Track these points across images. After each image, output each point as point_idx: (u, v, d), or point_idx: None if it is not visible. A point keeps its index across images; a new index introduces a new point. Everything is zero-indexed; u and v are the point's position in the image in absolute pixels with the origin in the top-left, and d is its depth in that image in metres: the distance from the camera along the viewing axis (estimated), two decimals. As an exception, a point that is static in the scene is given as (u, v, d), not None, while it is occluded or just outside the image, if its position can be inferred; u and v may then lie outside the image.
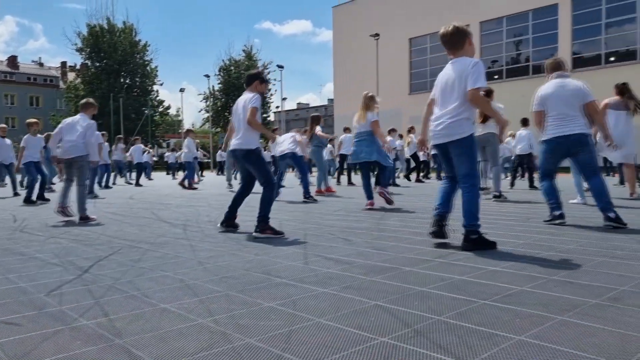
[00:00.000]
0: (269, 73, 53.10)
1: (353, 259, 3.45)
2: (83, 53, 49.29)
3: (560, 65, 5.02)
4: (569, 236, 4.22)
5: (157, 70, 52.25)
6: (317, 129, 10.08)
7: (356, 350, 1.77)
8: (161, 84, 57.24)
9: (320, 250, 3.82)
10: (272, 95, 54.40)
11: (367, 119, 6.82)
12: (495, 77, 32.18)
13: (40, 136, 10.40)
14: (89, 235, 4.94)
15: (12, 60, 65.13)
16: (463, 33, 3.77)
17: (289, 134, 9.56)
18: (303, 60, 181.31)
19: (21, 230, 5.37)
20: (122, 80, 49.99)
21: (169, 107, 55.69)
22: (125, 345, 1.87)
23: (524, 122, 10.72)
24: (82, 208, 6.07)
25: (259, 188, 4.75)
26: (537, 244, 3.88)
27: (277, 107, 63.92)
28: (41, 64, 70.90)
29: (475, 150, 3.77)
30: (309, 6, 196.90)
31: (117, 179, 17.74)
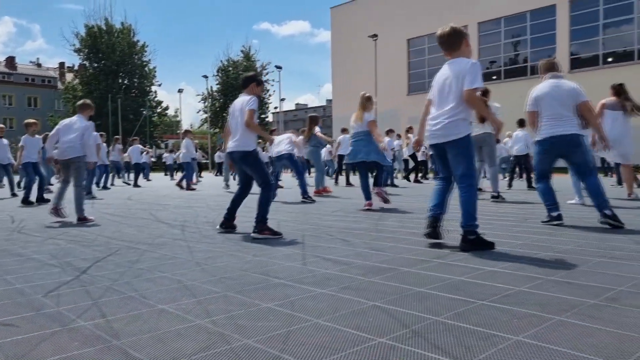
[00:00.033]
0: (267, 74, 53.14)
1: (351, 259, 3.45)
2: (81, 54, 49.30)
3: (555, 66, 5.05)
4: (566, 237, 4.22)
5: (155, 71, 52.31)
6: (317, 129, 10.11)
7: (354, 351, 1.77)
8: (159, 85, 57.42)
9: (319, 251, 3.82)
10: (270, 96, 54.49)
11: (364, 119, 6.86)
12: (494, 77, 32.24)
13: (38, 137, 10.38)
14: (86, 236, 4.93)
15: (10, 61, 65.06)
16: (460, 34, 3.78)
17: (285, 134, 9.61)
18: (301, 61, 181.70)
19: (19, 231, 5.36)
20: (120, 81, 49.98)
21: (167, 108, 55.73)
22: (122, 346, 1.87)
23: (521, 123, 10.70)
24: (80, 209, 6.05)
25: (257, 189, 4.76)
26: (535, 244, 3.89)
27: (276, 107, 64.06)
28: (39, 65, 70.83)
29: (472, 151, 3.78)
30: (307, 7, 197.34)
31: (114, 180, 17.72)
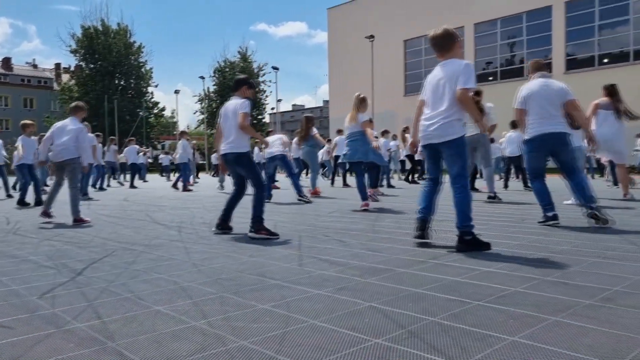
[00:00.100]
0: (264, 75, 53.19)
1: (348, 260, 3.45)
2: (77, 54, 49.15)
3: (543, 66, 5.19)
4: (562, 237, 4.23)
5: (151, 72, 52.19)
6: (314, 130, 10.14)
7: (350, 351, 1.77)
8: (156, 86, 56.90)
9: (315, 251, 3.82)
10: (267, 96, 54.47)
11: (359, 119, 6.90)
12: (490, 78, 32.32)
13: (34, 138, 10.34)
14: (82, 237, 4.91)
15: (6, 62, 64.81)
16: (452, 36, 3.83)
17: (276, 135, 9.71)
18: (298, 61, 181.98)
19: (14, 233, 5.34)
20: (116, 81, 49.85)
21: (163, 109, 55.56)
22: (118, 348, 1.86)
23: (514, 125, 10.69)
24: (76, 210, 6.03)
25: (251, 190, 4.78)
26: (531, 244, 3.90)
27: (272, 108, 64.01)
28: (35, 66, 70.57)
29: (466, 151, 3.81)
30: (304, 8, 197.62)
31: (110, 181, 17.68)
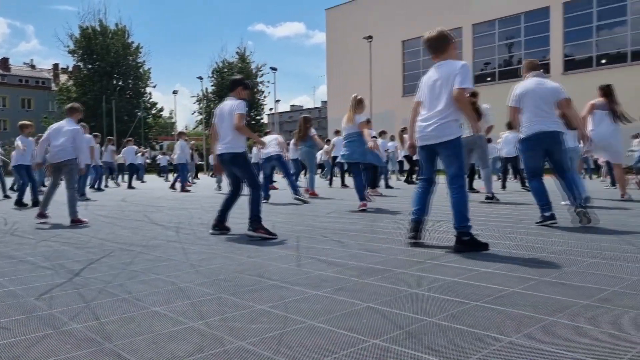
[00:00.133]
0: (262, 75, 53.22)
1: (346, 261, 3.45)
2: (75, 55, 49.07)
3: (538, 66, 5.28)
4: (560, 237, 4.24)
5: (149, 73, 52.12)
6: (313, 131, 10.18)
7: (348, 352, 1.77)
8: (154, 86, 57.04)
9: (313, 252, 3.82)
10: (265, 97, 54.50)
11: (355, 120, 6.95)
12: (488, 79, 32.36)
13: (32, 139, 10.32)
14: (80, 238, 4.91)
15: (4, 62, 64.70)
16: (447, 37, 3.85)
17: (272, 135, 9.77)
18: (296, 62, 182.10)
19: (12, 233, 5.33)
20: (114, 82, 49.77)
21: (162, 109, 55.56)
22: (115, 349, 1.86)
23: (510, 126, 10.69)
24: (73, 211, 6.02)
25: (246, 191, 4.80)
26: (529, 245, 3.90)
27: (271, 109, 63.92)
28: (33, 66, 70.45)
29: (463, 152, 3.84)
30: (302, 8, 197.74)
31: (108, 181, 17.65)
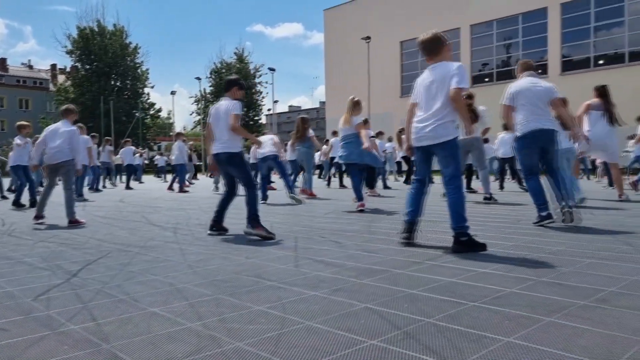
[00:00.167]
0: (260, 76, 53.16)
1: (343, 261, 3.45)
2: (73, 55, 48.99)
3: (532, 66, 5.32)
4: (557, 238, 4.25)
5: (148, 73, 52.05)
6: (311, 132, 10.20)
7: (346, 353, 1.77)
8: (152, 87, 57.07)
9: (311, 253, 3.82)
10: (263, 98, 54.47)
11: (352, 122, 7.00)
12: (486, 79, 32.39)
13: (29, 140, 10.30)
14: (77, 239, 4.90)
15: (2, 63, 64.57)
16: (441, 40, 3.87)
17: (267, 136, 9.80)
18: (295, 63, 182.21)
19: (9, 234, 5.32)
20: (112, 82, 49.70)
21: (160, 110, 55.47)
22: (113, 349, 1.85)
23: (506, 127, 10.71)
24: (71, 212, 6.02)
25: (242, 192, 4.82)
26: (526, 245, 3.91)
27: (269, 109, 63.92)
28: (31, 67, 70.36)
29: (460, 153, 3.86)
30: (300, 9, 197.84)
31: (106, 182, 17.62)
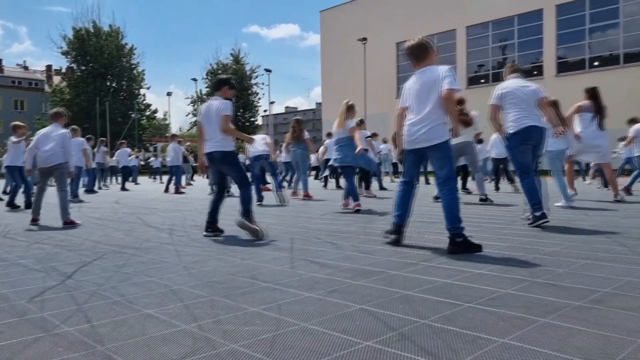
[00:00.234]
0: (256, 77, 53.17)
1: (339, 262, 3.45)
2: (69, 56, 48.81)
3: (519, 69, 5.45)
4: (553, 239, 4.26)
5: (144, 74, 51.92)
6: (306, 134, 10.22)
7: (341, 354, 1.77)
8: (148, 88, 56.91)
9: (307, 254, 3.82)
10: (259, 99, 54.47)
11: (346, 125, 7.05)
12: (482, 81, 32.45)
13: (24, 141, 10.23)
14: (73, 240, 4.88)
15: (-4, 64, 64.34)
16: (427, 45, 3.93)
17: (260, 135, 9.84)
18: (291, 64, 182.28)
19: (4, 236, 5.29)
20: (108, 83, 49.55)
21: (156, 111, 55.25)
22: (107, 351, 1.85)
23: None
24: (65, 213, 6.00)
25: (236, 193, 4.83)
26: (522, 246, 3.92)
27: (265, 111, 63.84)
28: (26, 68, 70.10)
29: (453, 154, 3.92)
30: (296, 10, 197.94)
31: (101, 184, 17.57)
